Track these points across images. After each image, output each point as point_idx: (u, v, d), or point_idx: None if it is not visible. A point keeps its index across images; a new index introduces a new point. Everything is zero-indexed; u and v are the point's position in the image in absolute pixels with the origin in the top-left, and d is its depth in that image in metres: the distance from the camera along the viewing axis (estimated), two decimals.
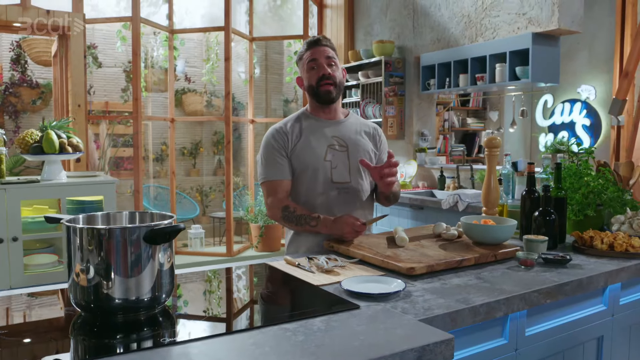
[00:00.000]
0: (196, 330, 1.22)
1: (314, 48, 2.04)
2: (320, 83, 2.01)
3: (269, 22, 6.16)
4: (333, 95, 2.04)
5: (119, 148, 6.49)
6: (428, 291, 1.43)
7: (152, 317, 1.27)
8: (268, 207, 2.04)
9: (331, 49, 2.07)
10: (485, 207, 2.19)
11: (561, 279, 1.55)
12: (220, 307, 1.43)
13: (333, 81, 2.02)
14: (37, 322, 1.33)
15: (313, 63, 2.02)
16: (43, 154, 3.02)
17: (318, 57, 2.02)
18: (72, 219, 1.27)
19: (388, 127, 4.97)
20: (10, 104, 6.08)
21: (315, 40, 2.05)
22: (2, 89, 6.03)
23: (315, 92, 2.04)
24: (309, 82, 2.05)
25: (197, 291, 1.59)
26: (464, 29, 4.33)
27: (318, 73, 2.02)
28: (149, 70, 6.36)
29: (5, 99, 6.05)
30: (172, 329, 1.25)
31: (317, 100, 2.06)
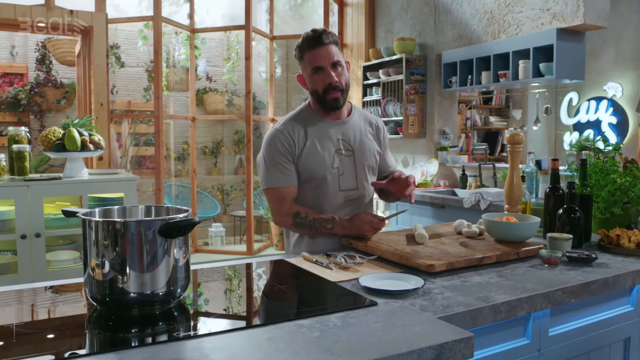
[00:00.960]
0: (211, 325, 1.21)
1: (316, 50, 1.84)
2: (327, 92, 1.88)
3: (289, 21, 6.15)
4: (340, 103, 1.92)
5: (141, 147, 6.55)
6: (448, 289, 1.40)
7: (167, 311, 1.26)
8: (275, 215, 1.95)
9: (335, 46, 1.89)
10: (508, 204, 2.14)
11: (586, 277, 1.50)
12: (236, 303, 1.42)
13: (340, 88, 1.89)
14: (56, 317, 1.33)
15: (317, 69, 1.86)
16: (65, 151, 3.05)
17: (322, 63, 1.85)
18: (89, 212, 1.27)
19: (409, 125, 4.93)
20: (35, 104, 6.18)
21: (316, 38, 1.85)
22: (28, 88, 6.14)
23: (321, 100, 1.91)
24: (314, 87, 1.91)
25: (214, 287, 1.58)
26: (487, 25, 4.26)
27: (324, 81, 1.86)
28: (170, 69, 6.41)
29: (31, 99, 6.15)
30: (187, 323, 1.24)
31: (322, 106, 1.94)
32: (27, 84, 6.19)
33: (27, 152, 3.16)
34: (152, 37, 4.82)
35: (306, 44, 1.87)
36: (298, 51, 1.92)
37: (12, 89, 6.12)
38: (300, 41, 1.91)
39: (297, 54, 1.92)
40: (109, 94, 6.66)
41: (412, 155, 5.15)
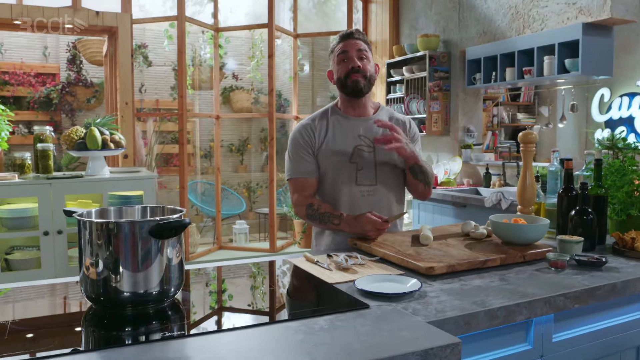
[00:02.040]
0: (203, 324, 1.22)
1: (346, 41, 1.99)
2: (349, 75, 1.96)
3: (313, 19, 6.14)
4: (361, 86, 1.97)
5: (168, 145, 6.65)
6: (445, 292, 1.37)
7: (161, 310, 1.27)
8: (293, 204, 2.02)
9: (364, 42, 2.01)
10: (521, 205, 2.09)
11: (593, 282, 1.45)
12: (226, 303, 1.42)
13: (362, 73, 1.97)
14: (56, 314, 1.36)
15: (343, 55, 1.98)
16: (87, 150, 3.12)
17: (349, 49, 1.97)
18: (85, 212, 1.29)
19: (432, 122, 4.86)
20: (66, 103, 6.34)
21: (348, 33, 2.00)
22: (59, 88, 6.31)
23: (344, 84, 1.99)
24: (338, 74, 2.00)
25: (205, 286, 1.59)
26: (511, 20, 4.17)
27: (347, 65, 1.97)
28: (196, 68, 6.49)
29: (62, 98, 6.32)
30: (181, 322, 1.25)
31: (345, 92, 2.01)
32: (59, 84, 6.36)
33: (51, 151, 3.25)
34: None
35: (339, 38, 2.03)
36: (331, 48, 2.07)
37: (44, 88, 6.29)
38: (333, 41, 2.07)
39: (330, 51, 2.08)
40: (137, 93, 6.80)
41: (436, 154, 5.09)
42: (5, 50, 6.30)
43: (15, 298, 1.42)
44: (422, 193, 2.08)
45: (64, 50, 6.43)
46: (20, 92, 6.25)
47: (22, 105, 6.36)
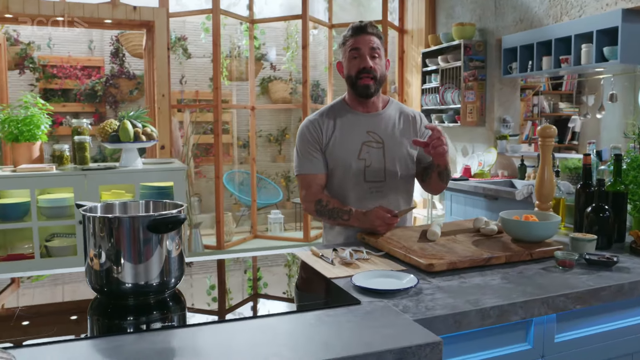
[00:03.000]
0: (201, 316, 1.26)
1: (359, 36, 1.94)
2: (360, 76, 1.93)
3: (348, 9, 6.11)
4: (371, 90, 1.95)
5: (206, 135, 6.78)
6: (441, 289, 1.37)
7: (162, 301, 1.33)
8: (302, 201, 2.04)
9: (377, 38, 1.96)
10: (538, 200, 2.04)
11: (598, 282, 1.42)
12: (217, 297, 1.46)
13: (373, 75, 1.93)
14: (64, 301, 1.44)
15: (355, 52, 1.94)
16: (119, 142, 3.24)
17: (361, 46, 1.92)
18: (90, 207, 1.36)
19: (467, 113, 4.77)
20: (110, 95, 6.57)
21: (361, 27, 1.95)
22: (104, 80, 6.53)
23: (354, 83, 1.96)
24: (349, 71, 1.97)
25: (204, 278, 1.64)
26: (548, 7, 4.03)
27: (359, 64, 1.93)
28: (234, 59, 6.57)
29: (106, 90, 6.54)
30: (181, 312, 1.30)
31: (355, 92, 1.99)
32: (103, 76, 6.58)
33: (87, 143, 3.39)
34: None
35: (351, 30, 1.98)
36: (342, 38, 2.01)
37: (89, 81, 6.54)
38: (346, 30, 2.01)
39: (341, 42, 2.02)
40: (178, 84, 6.96)
41: (472, 144, 4.99)
42: (53, 45, 6.57)
43: (44, 283, 1.51)
44: (440, 189, 2.08)
45: (108, 44, 6.64)
46: (67, 85, 6.51)
47: (70, 98, 6.62)
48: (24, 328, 1.18)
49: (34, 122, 3.25)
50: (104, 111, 6.70)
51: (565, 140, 6.30)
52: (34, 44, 6.40)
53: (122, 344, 1.05)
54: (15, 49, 6.20)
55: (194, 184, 5.68)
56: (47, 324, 1.23)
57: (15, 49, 6.21)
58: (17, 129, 3.22)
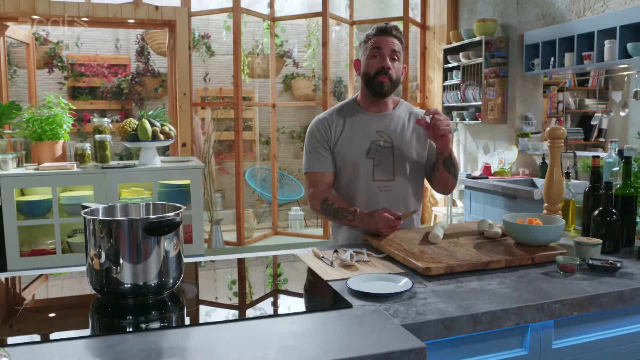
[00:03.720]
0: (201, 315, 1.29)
1: (383, 36, 1.95)
2: (378, 75, 1.95)
3: (369, 5, 6.08)
4: (386, 89, 1.97)
5: (229, 132, 6.85)
6: (436, 294, 1.37)
7: (160, 301, 1.36)
8: (309, 199, 2.05)
9: (399, 42, 1.97)
10: (547, 202, 2.02)
11: (597, 289, 1.40)
12: (223, 295, 1.48)
13: (390, 76, 1.95)
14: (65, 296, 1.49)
15: (376, 51, 1.95)
16: (138, 141, 3.31)
17: (383, 47, 1.94)
18: (92, 210, 1.40)
19: (488, 110, 4.71)
20: (136, 92, 6.69)
21: (386, 29, 1.96)
22: (129, 78, 6.66)
23: (370, 81, 1.97)
24: (367, 69, 1.98)
25: (209, 278, 1.66)
26: (571, 2, 3.94)
27: (378, 63, 1.94)
28: (257, 56, 6.62)
29: (132, 88, 6.67)
30: (180, 312, 1.34)
31: (369, 89, 2.00)
32: (129, 74, 6.71)
33: (108, 142, 3.47)
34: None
35: (375, 30, 1.99)
36: (365, 36, 2.02)
37: (116, 79, 6.67)
38: (370, 29, 2.02)
39: (363, 39, 2.03)
40: (202, 82, 7.05)
41: (493, 142, 4.93)
42: (81, 44, 6.72)
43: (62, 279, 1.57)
44: (449, 186, 2.06)
45: (134, 42, 6.76)
46: (94, 83, 6.66)
47: (97, 95, 6.77)
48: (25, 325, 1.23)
49: (56, 122, 3.34)
50: (130, 108, 6.83)
51: (591, 138, 6.15)
52: (62, 43, 6.56)
53: (118, 342, 1.09)
54: (44, 49, 6.37)
55: (214, 181, 5.76)
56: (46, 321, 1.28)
57: (44, 48, 6.38)
58: (40, 128, 3.32)
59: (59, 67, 6.50)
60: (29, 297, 1.46)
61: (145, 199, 3.35)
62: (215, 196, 7.05)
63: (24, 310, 1.33)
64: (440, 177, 2.02)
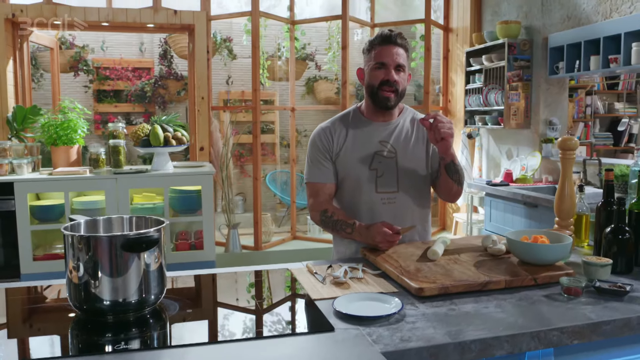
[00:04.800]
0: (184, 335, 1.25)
1: (387, 46, 1.86)
2: (382, 88, 1.87)
3: (390, 7, 5.99)
4: (392, 104, 1.90)
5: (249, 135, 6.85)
6: (426, 317, 1.30)
7: (141, 318, 1.33)
8: (309, 209, 2.00)
9: (404, 51, 1.89)
10: (558, 217, 1.93)
11: (602, 315, 1.30)
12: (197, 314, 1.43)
13: (395, 88, 1.88)
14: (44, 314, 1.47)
15: (380, 64, 1.87)
16: (150, 146, 3.31)
17: (388, 60, 1.85)
18: (72, 225, 1.38)
19: (511, 115, 4.57)
20: (159, 95, 6.74)
21: (390, 37, 1.87)
22: (153, 81, 6.72)
23: (374, 94, 1.90)
24: (371, 81, 1.91)
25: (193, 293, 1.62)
26: (597, 3, 3.78)
27: (383, 76, 1.86)
28: (277, 59, 6.59)
29: (155, 91, 6.72)
30: (162, 330, 1.30)
31: (373, 102, 1.93)
32: (153, 78, 6.77)
33: (121, 147, 3.48)
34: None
35: (379, 38, 1.90)
36: (368, 44, 1.94)
37: (139, 82, 6.74)
38: (374, 36, 1.94)
39: (366, 47, 1.94)
40: (224, 85, 7.06)
41: (516, 147, 4.78)
42: (106, 48, 6.82)
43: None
44: (454, 194, 1.98)
45: (158, 46, 6.82)
46: (118, 86, 6.74)
47: (121, 98, 6.85)
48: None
49: (71, 127, 3.37)
50: (154, 111, 6.89)
51: (621, 143, 5.92)
52: (87, 47, 6.66)
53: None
54: (70, 53, 6.48)
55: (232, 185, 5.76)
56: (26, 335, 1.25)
57: (70, 52, 6.48)
58: (55, 133, 3.35)
59: (84, 71, 6.60)
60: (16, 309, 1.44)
61: (157, 204, 3.35)
62: (236, 199, 7.07)
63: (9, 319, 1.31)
64: (444, 184, 1.94)
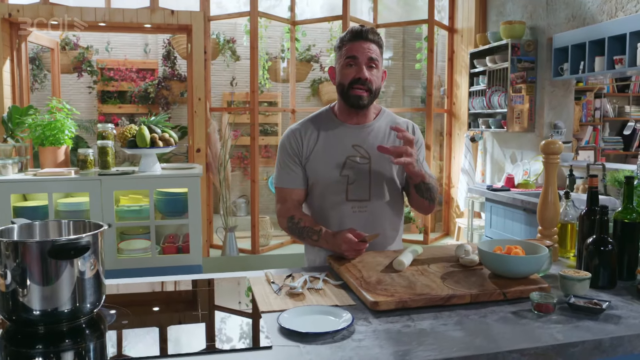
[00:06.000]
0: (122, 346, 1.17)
1: (358, 42, 1.75)
2: (353, 86, 1.76)
3: (393, 8, 5.88)
4: (364, 102, 1.78)
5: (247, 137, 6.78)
6: (376, 334, 1.19)
7: (75, 328, 1.25)
8: (277, 215, 1.90)
9: (377, 47, 1.78)
10: (541, 225, 1.81)
11: (570, 336, 1.18)
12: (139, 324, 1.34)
13: (368, 87, 1.76)
14: None
15: (351, 60, 1.76)
16: (136, 147, 3.24)
17: (359, 54, 1.74)
18: (3, 230, 1.30)
19: (514, 118, 4.43)
20: (162, 96, 6.72)
21: (361, 32, 1.76)
22: (156, 82, 6.69)
23: (345, 93, 1.79)
24: (342, 79, 1.79)
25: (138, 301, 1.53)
26: (602, 2, 3.64)
27: (354, 74, 1.75)
28: (279, 61, 6.52)
29: (159, 92, 6.70)
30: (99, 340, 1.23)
31: (345, 101, 1.82)
32: (156, 79, 6.74)
33: (109, 148, 3.42)
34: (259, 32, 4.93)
35: (349, 34, 1.79)
36: (339, 41, 1.83)
37: (143, 83, 6.72)
38: (344, 32, 1.83)
39: (337, 44, 1.83)
40: (229, 86, 7.01)
41: (520, 152, 4.64)
42: (111, 49, 6.81)
43: None
44: (426, 209, 1.88)
45: (161, 47, 6.80)
46: (122, 87, 6.73)
47: (125, 99, 6.84)
48: None
49: (57, 127, 3.32)
50: (157, 112, 6.85)
51: (631, 148, 5.72)
52: (92, 47, 6.66)
53: None
54: (74, 53, 6.48)
55: (234, 187, 5.69)
56: None
57: (74, 53, 6.48)
58: (42, 134, 3.31)
59: (88, 72, 6.60)
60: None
61: (143, 206, 3.29)
62: (239, 202, 7.01)
63: None
64: (415, 200, 1.84)
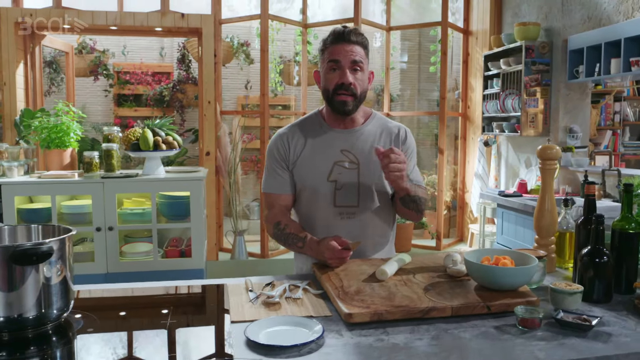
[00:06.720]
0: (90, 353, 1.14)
1: (340, 45, 1.69)
2: (338, 92, 1.70)
3: (406, 10, 5.80)
4: (349, 108, 1.72)
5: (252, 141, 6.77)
6: (346, 348, 1.13)
7: (41, 335, 1.22)
8: (264, 220, 1.86)
9: (361, 48, 1.72)
10: (538, 234, 1.73)
11: (551, 355, 1.11)
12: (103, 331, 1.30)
13: (352, 92, 1.70)
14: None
15: (334, 64, 1.70)
16: (140, 151, 3.23)
17: (341, 58, 1.68)
18: None
19: (528, 122, 4.32)
20: (177, 100, 6.74)
21: (343, 34, 1.70)
22: (171, 86, 6.72)
23: (330, 98, 1.73)
24: (325, 84, 1.74)
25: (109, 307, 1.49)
26: (619, 2, 3.52)
27: (337, 79, 1.70)
28: (293, 64, 6.49)
29: (173, 95, 6.72)
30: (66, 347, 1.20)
31: (331, 108, 1.77)
32: (171, 82, 6.77)
33: (114, 151, 3.41)
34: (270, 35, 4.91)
35: (332, 37, 1.73)
36: (322, 44, 1.77)
37: (158, 86, 6.76)
38: (327, 34, 1.77)
39: (320, 47, 1.78)
40: (243, 89, 7.01)
41: (535, 156, 4.51)
42: (127, 52, 6.87)
43: None
44: (413, 219, 1.83)
45: (176, 50, 6.83)
46: (138, 91, 6.77)
47: (141, 103, 6.88)
48: None
49: (63, 130, 3.34)
50: (173, 115, 6.88)
51: None
52: (108, 51, 6.72)
53: None
54: (90, 57, 6.55)
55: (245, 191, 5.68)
56: None
57: (90, 56, 6.55)
58: (48, 136, 3.32)
59: (104, 75, 6.66)
60: None
61: (146, 209, 3.28)
62: (252, 205, 6.99)
63: None
64: (401, 211, 1.79)
